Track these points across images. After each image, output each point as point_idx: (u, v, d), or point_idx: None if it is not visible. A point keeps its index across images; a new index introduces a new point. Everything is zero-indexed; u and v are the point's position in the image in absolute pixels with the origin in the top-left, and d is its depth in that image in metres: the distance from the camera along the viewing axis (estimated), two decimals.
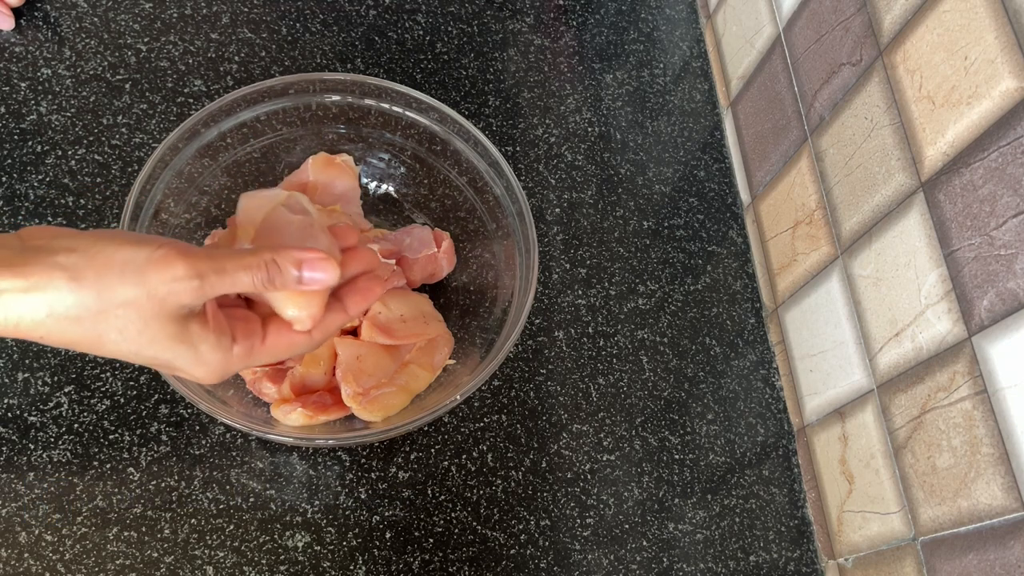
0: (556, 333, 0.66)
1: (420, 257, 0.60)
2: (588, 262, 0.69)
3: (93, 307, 0.35)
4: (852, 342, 0.60)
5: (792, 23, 0.67)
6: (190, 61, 0.68)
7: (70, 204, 0.61)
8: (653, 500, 0.62)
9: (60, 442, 0.54)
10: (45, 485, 0.53)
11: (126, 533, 0.53)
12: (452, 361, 0.59)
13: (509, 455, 0.61)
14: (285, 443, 0.56)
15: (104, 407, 0.56)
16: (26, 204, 0.60)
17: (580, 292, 0.68)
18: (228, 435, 0.57)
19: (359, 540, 0.56)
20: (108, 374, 0.57)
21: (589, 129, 0.75)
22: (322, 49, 0.72)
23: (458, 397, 0.52)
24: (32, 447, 0.54)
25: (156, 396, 0.57)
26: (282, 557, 0.54)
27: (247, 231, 0.44)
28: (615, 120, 0.76)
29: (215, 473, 0.55)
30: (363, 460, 0.58)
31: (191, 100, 0.67)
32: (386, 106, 0.63)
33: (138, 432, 0.55)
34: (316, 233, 0.44)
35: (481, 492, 0.59)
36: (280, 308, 0.41)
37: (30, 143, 0.62)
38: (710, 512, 0.62)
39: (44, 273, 0.34)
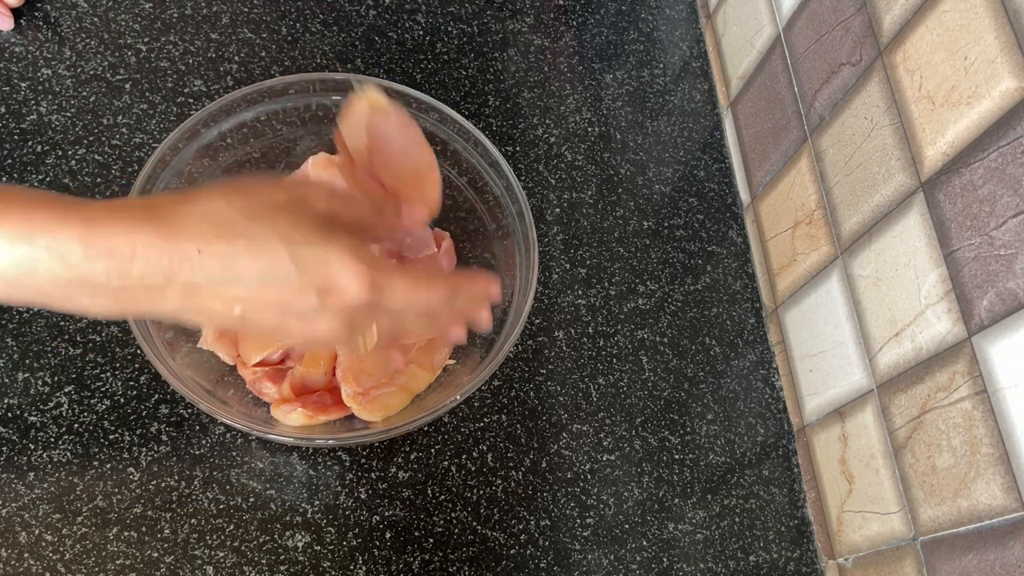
0: (556, 333, 0.66)
1: (421, 258, 0.60)
2: (588, 262, 0.69)
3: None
4: (852, 342, 0.60)
5: (792, 23, 0.67)
6: (190, 61, 0.68)
7: None
8: (653, 500, 0.62)
9: (60, 442, 0.54)
10: (45, 485, 0.53)
11: (126, 533, 0.53)
12: (452, 361, 0.59)
13: (509, 455, 0.61)
14: (285, 443, 0.56)
15: (104, 407, 0.56)
16: None
17: (580, 292, 0.68)
18: (228, 435, 0.57)
19: (359, 540, 0.56)
20: (108, 374, 0.57)
21: (589, 129, 0.75)
22: (322, 49, 0.72)
23: (458, 397, 0.52)
24: (32, 447, 0.54)
25: (156, 396, 0.57)
26: (282, 557, 0.54)
27: (361, 153, 0.52)
28: (615, 120, 0.76)
29: (215, 473, 0.55)
30: (363, 460, 0.58)
31: (191, 100, 0.67)
32: None
33: (138, 432, 0.55)
34: (416, 139, 0.53)
35: (481, 492, 0.59)
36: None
37: (30, 143, 0.62)
38: (710, 512, 0.62)
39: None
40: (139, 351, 0.58)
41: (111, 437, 0.55)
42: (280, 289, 0.36)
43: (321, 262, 0.37)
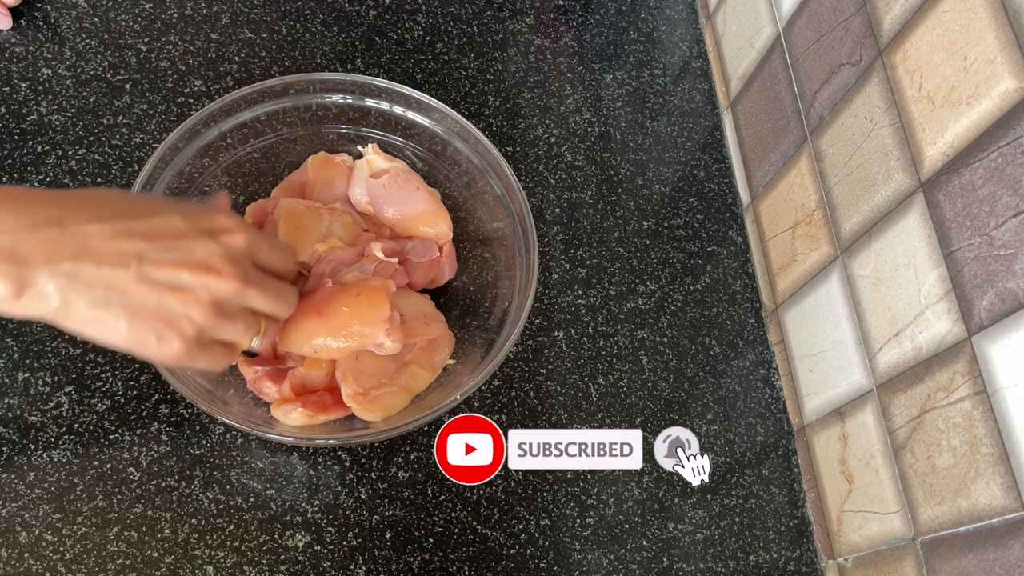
0: (556, 333, 0.66)
1: (424, 261, 0.60)
2: (588, 262, 0.69)
3: None
4: (852, 342, 0.60)
5: (792, 23, 0.67)
6: (190, 61, 0.68)
7: None
8: (653, 500, 0.62)
9: (60, 442, 0.54)
10: (45, 485, 0.53)
11: (126, 533, 0.53)
12: (452, 361, 0.59)
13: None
14: (285, 443, 0.56)
15: (104, 407, 0.56)
16: None
17: (580, 292, 0.68)
18: (228, 435, 0.57)
19: (359, 540, 0.56)
20: (108, 374, 0.57)
21: (589, 129, 0.75)
22: (322, 49, 0.72)
23: (458, 397, 0.52)
24: (32, 447, 0.54)
25: (156, 396, 0.57)
26: (282, 557, 0.54)
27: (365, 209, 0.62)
28: (615, 120, 0.76)
29: (215, 473, 0.55)
30: (363, 460, 0.58)
31: (191, 100, 0.67)
32: (386, 106, 0.63)
33: (138, 432, 0.55)
34: (413, 183, 0.63)
35: (481, 492, 0.59)
36: None
37: (30, 143, 0.62)
38: (710, 512, 0.63)
39: None
40: None
41: (111, 437, 0.55)
42: (173, 233, 0.42)
43: (204, 214, 0.44)
